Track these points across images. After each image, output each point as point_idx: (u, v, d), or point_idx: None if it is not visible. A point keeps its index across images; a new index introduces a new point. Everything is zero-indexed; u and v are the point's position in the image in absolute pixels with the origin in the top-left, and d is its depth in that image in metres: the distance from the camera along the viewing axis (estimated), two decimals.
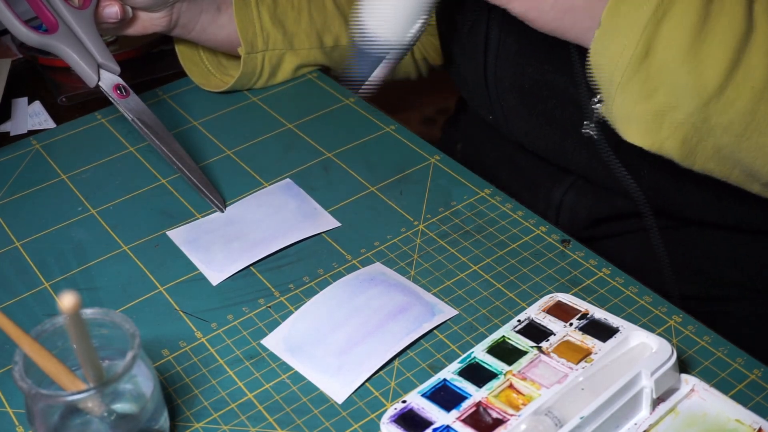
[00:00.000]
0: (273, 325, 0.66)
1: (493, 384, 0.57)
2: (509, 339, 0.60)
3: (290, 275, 0.70)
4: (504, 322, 0.65)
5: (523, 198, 0.77)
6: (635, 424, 0.55)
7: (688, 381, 0.57)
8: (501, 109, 0.81)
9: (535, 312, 0.62)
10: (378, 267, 0.70)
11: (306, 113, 0.88)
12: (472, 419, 0.55)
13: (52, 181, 0.81)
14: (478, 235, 0.73)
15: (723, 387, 0.59)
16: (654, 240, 0.73)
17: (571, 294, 0.65)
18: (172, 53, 0.91)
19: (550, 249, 0.71)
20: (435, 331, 0.65)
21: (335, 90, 0.90)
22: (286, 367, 0.63)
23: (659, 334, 0.62)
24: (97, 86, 0.78)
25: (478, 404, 0.56)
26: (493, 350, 0.60)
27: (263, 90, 0.91)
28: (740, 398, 0.58)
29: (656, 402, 0.56)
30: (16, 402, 0.61)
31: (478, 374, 0.58)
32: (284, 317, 0.66)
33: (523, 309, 0.66)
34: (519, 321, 0.61)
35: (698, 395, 0.57)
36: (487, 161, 0.91)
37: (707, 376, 0.60)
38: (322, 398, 0.61)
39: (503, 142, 0.88)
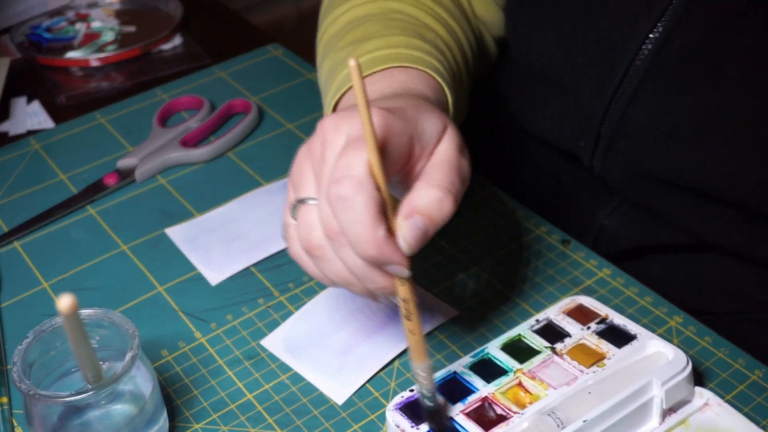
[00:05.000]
0: (272, 325, 0.66)
1: (502, 380, 0.57)
2: (524, 337, 0.60)
3: (290, 274, 0.70)
4: (504, 322, 0.64)
5: (554, 215, 0.73)
6: None
7: (703, 395, 0.57)
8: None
9: (554, 313, 0.62)
10: None
11: (306, 113, 0.88)
12: (475, 413, 0.55)
13: (52, 181, 0.80)
14: (479, 235, 0.72)
15: (724, 388, 0.59)
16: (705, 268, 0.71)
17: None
18: (172, 53, 0.91)
19: (550, 249, 0.71)
20: (435, 331, 0.65)
21: None
22: (285, 368, 0.63)
23: (660, 335, 0.62)
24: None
25: (484, 399, 0.56)
26: (507, 347, 0.60)
27: (262, 90, 0.91)
28: (741, 399, 0.58)
29: (667, 412, 0.56)
30: (16, 403, 0.61)
31: (488, 370, 0.58)
32: (284, 317, 0.66)
33: (523, 309, 0.66)
34: (537, 320, 0.61)
35: (712, 410, 0.57)
36: (510, 168, 0.85)
37: (708, 378, 0.60)
38: (322, 399, 0.61)
39: (543, 150, 0.81)
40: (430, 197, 0.50)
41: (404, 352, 0.63)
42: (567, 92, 0.73)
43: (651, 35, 0.65)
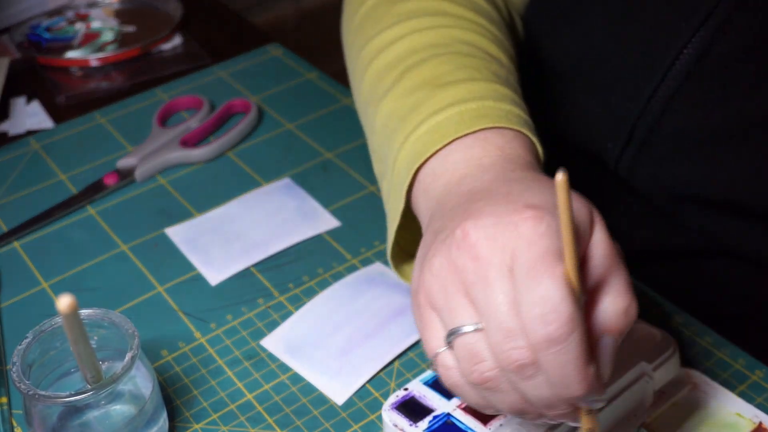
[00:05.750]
0: (272, 326, 0.66)
1: None
2: None
3: (290, 275, 0.70)
4: None
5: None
6: (635, 416, 0.56)
7: (690, 374, 0.58)
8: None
9: None
10: (378, 267, 0.70)
11: (306, 113, 0.88)
12: (472, 407, 0.55)
13: (52, 181, 0.80)
14: None
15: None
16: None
17: None
18: (172, 53, 0.91)
19: None
20: None
21: (335, 90, 0.90)
22: (285, 368, 0.63)
23: None
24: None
25: None
26: None
27: (262, 90, 0.91)
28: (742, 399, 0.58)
29: (657, 394, 0.57)
30: (15, 403, 0.61)
31: None
32: (284, 317, 0.66)
33: None
34: None
35: (699, 389, 0.58)
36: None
37: (708, 377, 0.60)
38: (321, 399, 0.61)
39: (556, 149, 0.78)
40: (616, 309, 0.45)
41: (404, 352, 0.63)
42: (596, 92, 0.71)
43: (693, 39, 0.64)
